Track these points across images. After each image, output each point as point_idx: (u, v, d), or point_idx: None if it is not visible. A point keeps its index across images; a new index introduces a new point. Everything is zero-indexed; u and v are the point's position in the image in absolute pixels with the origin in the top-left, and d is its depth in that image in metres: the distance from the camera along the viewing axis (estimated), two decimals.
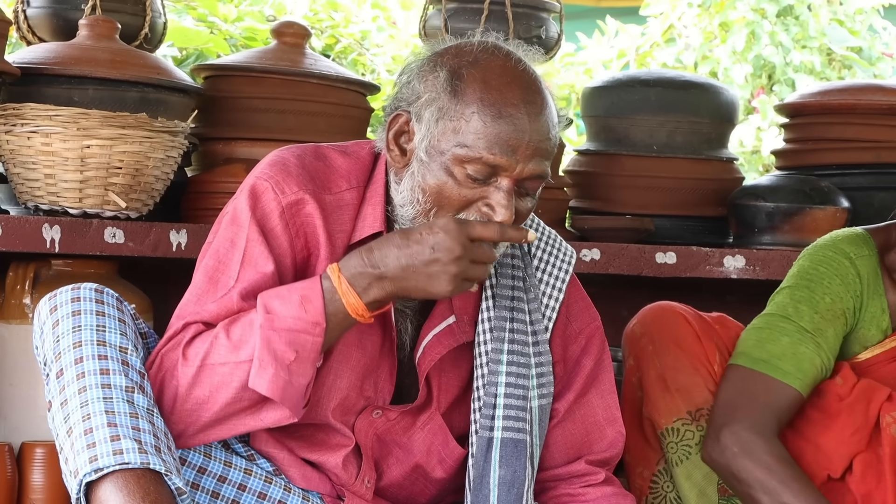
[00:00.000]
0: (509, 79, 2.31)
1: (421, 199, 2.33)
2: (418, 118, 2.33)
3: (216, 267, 2.36)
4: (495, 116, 2.28)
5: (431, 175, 2.31)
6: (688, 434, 2.80)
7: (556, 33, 3.76)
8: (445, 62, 2.33)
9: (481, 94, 2.29)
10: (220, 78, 3.53)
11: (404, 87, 2.37)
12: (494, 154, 2.28)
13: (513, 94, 2.30)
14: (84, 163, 3.06)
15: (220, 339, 2.27)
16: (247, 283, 2.32)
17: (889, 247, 2.85)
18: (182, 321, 2.33)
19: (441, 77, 2.32)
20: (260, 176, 2.38)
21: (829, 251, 2.83)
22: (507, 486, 2.44)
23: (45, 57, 3.21)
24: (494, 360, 2.46)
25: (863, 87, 3.96)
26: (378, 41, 6.53)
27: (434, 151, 2.31)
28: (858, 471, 2.74)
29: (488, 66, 2.32)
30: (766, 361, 2.72)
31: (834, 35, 7.54)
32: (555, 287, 2.56)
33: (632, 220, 3.68)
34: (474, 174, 2.29)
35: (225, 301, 2.32)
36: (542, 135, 2.31)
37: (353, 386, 2.44)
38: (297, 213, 2.36)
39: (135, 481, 2.16)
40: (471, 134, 2.28)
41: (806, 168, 3.85)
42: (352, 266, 2.27)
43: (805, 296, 2.78)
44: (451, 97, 2.30)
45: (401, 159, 2.37)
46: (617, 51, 7.80)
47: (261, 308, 2.26)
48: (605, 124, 3.84)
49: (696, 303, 3.03)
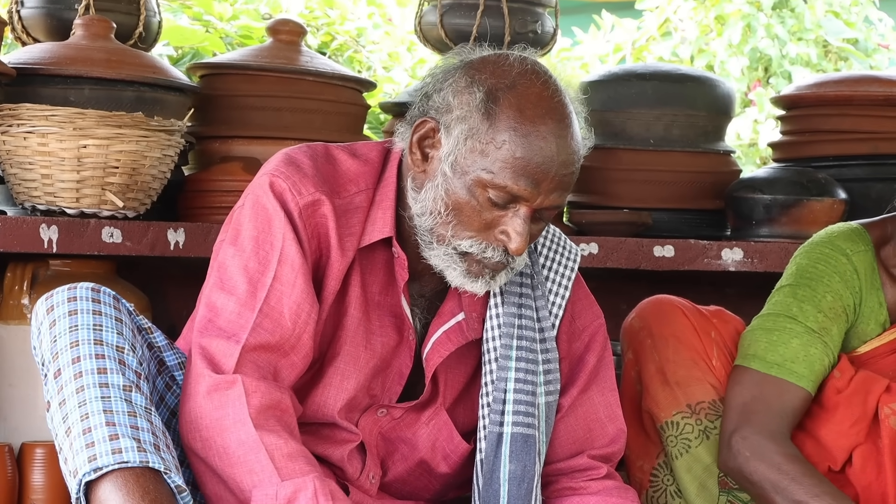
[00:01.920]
0: (544, 110, 2.31)
1: (443, 212, 2.33)
2: (447, 130, 2.33)
3: (259, 269, 2.33)
4: (525, 149, 2.28)
5: (454, 191, 2.32)
6: (687, 427, 2.80)
7: (551, 28, 3.75)
8: (483, 81, 2.32)
9: (515, 123, 2.28)
10: (216, 76, 3.53)
11: (435, 95, 2.36)
12: (519, 185, 2.29)
13: (546, 128, 2.30)
14: (81, 162, 3.06)
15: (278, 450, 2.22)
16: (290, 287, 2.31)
17: (885, 241, 2.85)
18: (240, 338, 2.29)
19: (477, 97, 2.30)
20: (276, 174, 2.37)
21: (826, 248, 2.82)
22: (518, 481, 2.45)
23: (40, 57, 3.21)
24: (504, 357, 2.47)
25: (859, 79, 3.96)
26: (374, 38, 6.53)
27: (459, 169, 2.31)
28: (858, 463, 2.74)
29: (525, 93, 2.31)
30: (780, 365, 2.72)
31: (830, 27, 7.54)
32: (561, 285, 2.57)
33: (629, 214, 3.67)
34: (495, 199, 2.30)
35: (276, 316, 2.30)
36: (568, 168, 2.33)
37: (360, 386, 2.44)
38: (313, 215, 2.36)
39: (134, 480, 2.16)
40: (499, 161, 2.28)
41: (803, 160, 3.85)
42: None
43: (808, 294, 2.77)
44: (483, 119, 2.30)
45: (422, 164, 2.37)
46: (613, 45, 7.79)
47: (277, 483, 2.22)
48: (602, 118, 3.83)
49: (694, 296, 3.03)
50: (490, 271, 2.36)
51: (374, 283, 2.45)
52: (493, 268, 2.36)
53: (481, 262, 2.35)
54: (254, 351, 2.29)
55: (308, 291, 2.33)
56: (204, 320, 2.34)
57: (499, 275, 2.38)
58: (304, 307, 2.32)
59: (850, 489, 2.74)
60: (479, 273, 2.36)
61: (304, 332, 2.33)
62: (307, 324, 2.33)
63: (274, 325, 2.31)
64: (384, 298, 2.45)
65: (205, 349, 2.30)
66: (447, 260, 2.36)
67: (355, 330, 2.43)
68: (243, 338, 2.29)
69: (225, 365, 2.28)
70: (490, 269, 2.36)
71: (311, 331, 2.34)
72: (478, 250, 2.34)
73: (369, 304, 2.44)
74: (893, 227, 2.86)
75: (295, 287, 2.32)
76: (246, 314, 2.31)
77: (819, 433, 2.77)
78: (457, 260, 2.35)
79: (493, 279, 2.38)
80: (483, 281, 2.37)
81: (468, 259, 2.35)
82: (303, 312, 2.32)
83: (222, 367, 2.28)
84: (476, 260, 2.35)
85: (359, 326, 2.43)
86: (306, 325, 2.33)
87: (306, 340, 2.34)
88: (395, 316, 2.46)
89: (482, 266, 2.35)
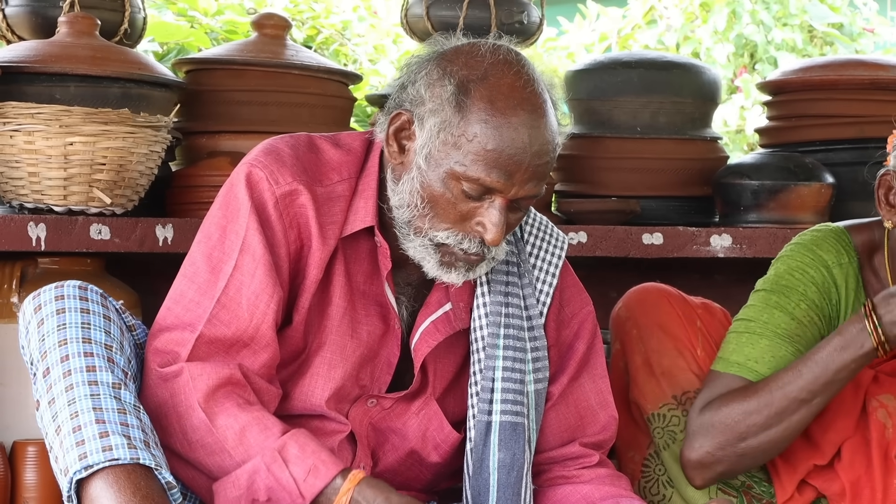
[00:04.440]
0: (516, 101, 2.30)
1: (420, 204, 2.34)
2: (421, 123, 2.33)
3: (221, 258, 2.36)
4: (497, 141, 2.28)
5: (430, 184, 2.32)
6: (674, 419, 2.79)
7: (537, 18, 3.75)
8: (455, 73, 2.31)
9: (486, 115, 2.28)
10: (201, 72, 3.53)
11: (410, 87, 2.36)
12: (492, 178, 2.29)
13: (518, 119, 2.29)
14: (67, 160, 3.06)
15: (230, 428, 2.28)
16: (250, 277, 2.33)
17: (873, 248, 2.80)
18: (196, 328, 2.32)
19: (448, 89, 2.30)
20: (255, 164, 2.38)
21: (807, 257, 2.78)
22: (507, 469, 2.46)
23: (25, 55, 3.20)
24: (491, 346, 2.47)
25: (844, 63, 3.96)
26: (359, 31, 6.53)
27: (433, 162, 2.31)
28: (847, 457, 2.71)
29: (496, 84, 2.30)
30: (740, 364, 2.69)
31: (814, 12, 7.54)
32: (548, 272, 2.57)
33: (618, 202, 3.67)
34: (469, 191, 2.30)
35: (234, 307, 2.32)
36: (542, 159, 2.31)
37: (349, 376, 2.44)
38: (291, 204, 2.37)
39: (125, 477, 2.16)
40: (471, 154, 2.28)
41: (790, 145, 3.85)
42: (370, 497, 2.27)
43: (781, 302, 2.74)
44: (455, 112, 2.29)
45: (399, 156, 2.37)
46: (599, 34, 7.79)
47: (277, 446, 2.27)
48: (589, 107, 3.83)
49: (683, 283, 3.03)
50: (464, 263, 2.36)
51: (358, 272, 2.45)
52: (469, 260, 2.36)
53: (455, 253, 2.35)
54: (209, 343, 2.32)
55: (268, 283, 2.34)
56: (164, 309, 2.37)
57: (477, 266, 2.38)
58: (262, 297, 2.33)
59: (837, 483, 2.71)
60: (452, 263, 2.36)
61: (263, 322, 2.34)
62: (265, 315, 2.33)
63: (231, 317, 2.33)
64: (369, 287, 2.46)
65: (157, 343, 2.34)
66: (423, 251, 2.37)
67: (340, 319, 2.43)
68: (199, 328, 2.32)
69: (180, 355, 2.31)
70: (463, 262, 2.36)
71: (270, 322, 2.34)
72: (454, 241, 2.34)
73: (354, 293, 2.44)
74: (881, 233, 2.80)
75: (255, 277, 2.33)
76: (204, 303, 2.34)
77: (808, 428, 2.75)
78: (432, 251, 2.36)
79: (471, 270, 2.38)
80: (459, 271, 2.37)
81: (443, 250, 2.35)
82: (261, 303, 2.33)
83: (178, 357, 2.31)
84: (451, 251, 2.35)
85: (344, 316, 2.43)
86: (265, 316, 2.33)
87: (265, 331, 2.34)
88: (380, 305, 2.46)
89: (455, 257, 2.35)
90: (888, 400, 2.72)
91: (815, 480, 2.72)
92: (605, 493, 2.54)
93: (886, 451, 2.70)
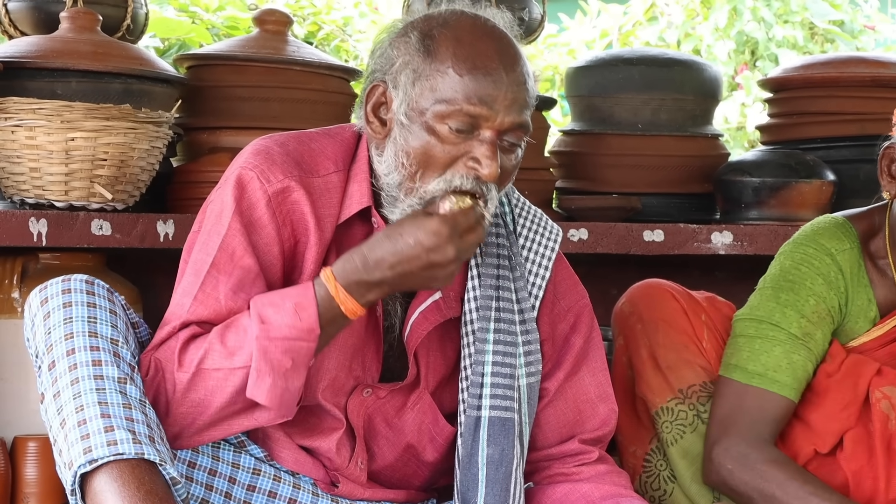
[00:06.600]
0: (480, 33, 2.33)
1: (406, 162, 2.33)
2: (395, 84, 2.34)
3: (203, 260, 2.36)
4: (470, 68, 2.29)
5: (414, 137, 2.32)
6: (681, 414, 2.80)
7: (538, 15, 3.75)
8: (416, 26, 2.36)
9: (454, 49, 2.31)
10: (203, 67, 3.53)
11: (378, 58, 2.39)
12: (474, 104, 2.29)
13: (486, 47, 2.32)
14: (69, 155, 3.06)
15: (214, 346, 2.29)
16: (227, 275, 2.33)
17: (873, 233, 2.81)
18: (173, 323, 2.34)
19: (413, 40, 2.34)
20: (245, 165, 2.38)
21: (810, 247, 2.79)
22: (496, 465, 2.45)
23: (27, 50, 3.20)
24: (481, 339, 2.47)
25: (845, 60, 3.96)
26: (360, 27, 6.53)
27: (414, 113, 2.32)
28: (849, 447, 2.73)
29: (458, 25, 2.34)
30: (761, 375, 2.71)
31: (815, 9, 7.55)
32: (541, 265, 2.56)
33: (618, 199, 3.68)
34: (456, 127, 2.30)
35: (212, 303, 2.33)
36: (519, 84, 2.33)
37: (341, 366, 2.44)
38: (284, 202, 2.37)
39: (129, 471, 2.16)
40: (448, 89, 2.29)
41: (791, 142, 3.86)
42: (348, 274, 2.28)
43: (790, 299, 2.75)
44: (424, 57, 2.32)
45: (381, 130, 2.38)
46: (600, 31, 7.80)
47: (254, 317, 2.27)
48: (590, 104, 3.84)
49: (684, 280, 3.03)
50: None
51: None
52: None
53: None
54: (187, 327, 2.33)
55: (245, 281, 2.34)
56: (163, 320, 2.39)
57: None
58: (240, 295, 2.33)
59: (840, 473, 2.73)
60: None
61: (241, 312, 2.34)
62: (242, 308, 2.33)
63: (207, 310, 2.34)
64: None
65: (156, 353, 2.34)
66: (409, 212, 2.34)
67: None
68: (178, 314, 2.34)
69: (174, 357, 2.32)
70: None
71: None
72: (446, 185, 2.31)
73: None
74: (881, 217, 2.83)
75: (231, 276, 2.33)
76: (184, 301, 2.35)
77: (809, 417, 2.76)
78: None
79: None
80: None
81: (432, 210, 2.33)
82: (239, 299, 2.33)
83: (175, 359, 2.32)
84: None
85: None
86: (243, 307, 2.33)
87: None
88: None
89: None
90: (891, 391, 2.73)
91: (816, 470, 2.73)
92: (605, 492, 2.53)
93: (889, 442, 2.71)
